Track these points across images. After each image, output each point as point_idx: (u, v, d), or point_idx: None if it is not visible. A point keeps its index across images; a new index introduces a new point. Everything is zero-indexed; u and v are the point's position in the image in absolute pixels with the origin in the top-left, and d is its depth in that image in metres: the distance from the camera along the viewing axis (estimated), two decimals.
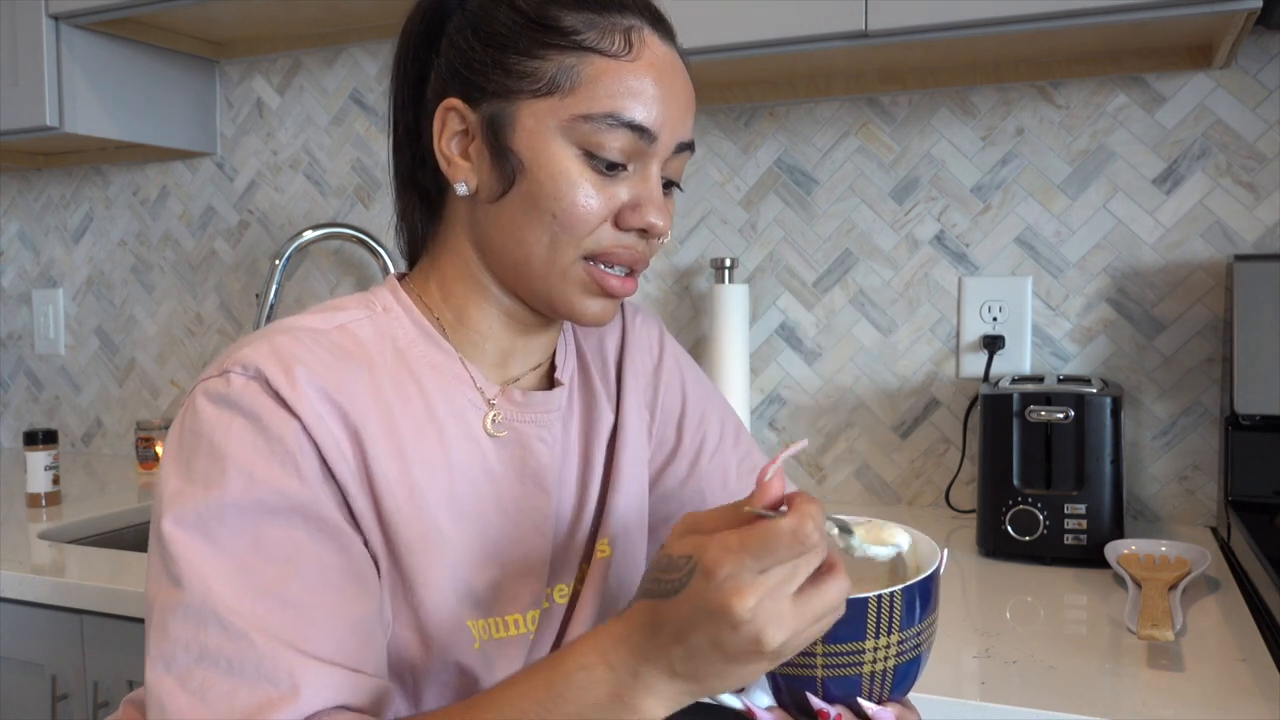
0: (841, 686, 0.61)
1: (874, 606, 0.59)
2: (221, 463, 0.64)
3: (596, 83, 0.70)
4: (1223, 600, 1.07)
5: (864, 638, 0.60)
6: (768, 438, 1.62)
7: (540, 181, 0.71)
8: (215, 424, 0.66)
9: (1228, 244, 1.37)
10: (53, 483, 1.64)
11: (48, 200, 2.17)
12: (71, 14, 1.63)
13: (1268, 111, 1.34)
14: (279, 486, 0.65)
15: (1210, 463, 1.39)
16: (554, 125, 0.71)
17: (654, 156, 0.73)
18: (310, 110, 1.90)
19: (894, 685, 0.62)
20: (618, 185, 0.72)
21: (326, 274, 1.91)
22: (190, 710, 0.60)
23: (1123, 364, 1.43)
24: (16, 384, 2.24)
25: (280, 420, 0.66)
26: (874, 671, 0.61)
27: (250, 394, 0.66)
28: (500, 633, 0.75)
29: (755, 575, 0.52)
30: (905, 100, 1.51)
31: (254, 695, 0.60)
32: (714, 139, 1.62)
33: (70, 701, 1.27)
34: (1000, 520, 1.23)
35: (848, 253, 1.56)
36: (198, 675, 0.61)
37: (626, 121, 0.70)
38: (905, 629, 0.61)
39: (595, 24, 0.71)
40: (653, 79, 0.72)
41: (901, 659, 0.62)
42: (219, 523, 0.64)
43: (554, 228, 0.71)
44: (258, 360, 0.67)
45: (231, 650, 0.61)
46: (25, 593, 1.25)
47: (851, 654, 0.60)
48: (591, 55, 0.71)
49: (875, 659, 0.61)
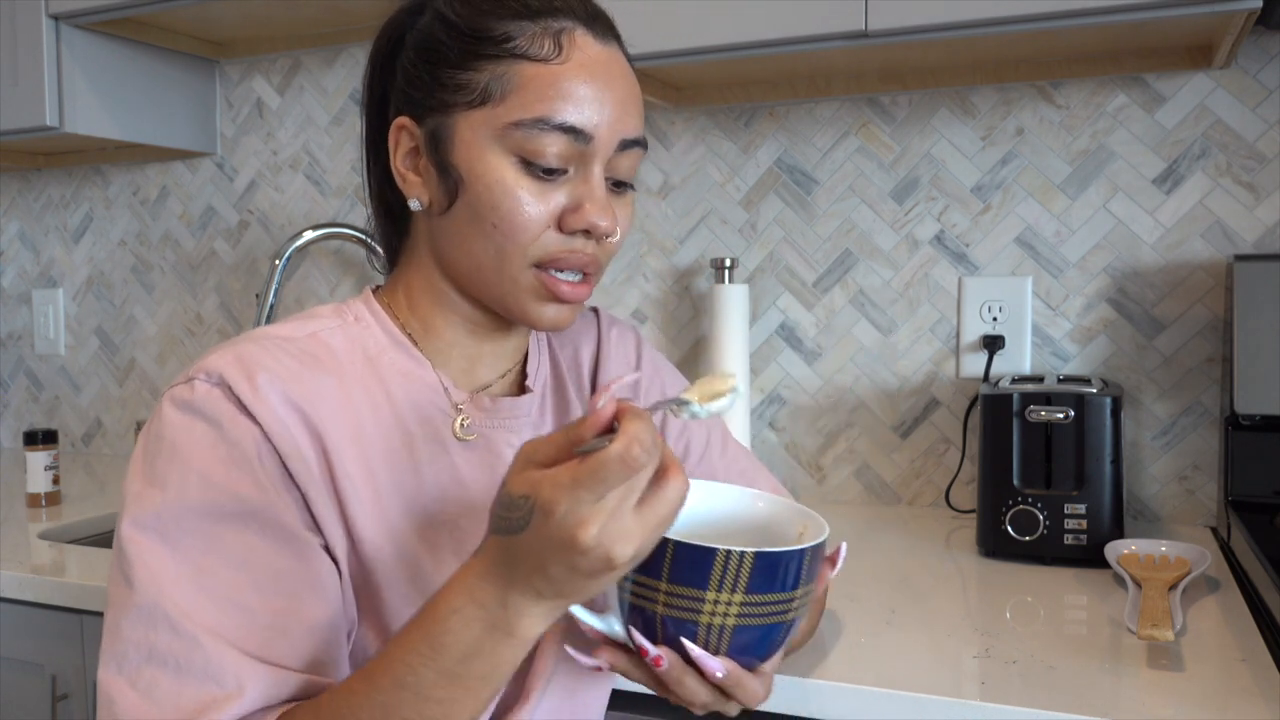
0: (677, 628, 0.63)
1: (720, 560, 0.60)
2: (180, 467, 0.66)
3: (526, 88, 0.71)
4: (1223, 600, 1.07)
5: (705, 587, 0.61)
6: (767, 438, 1.62)
7: (479, 192, 0.72)
8: (177, 429, 0.67)
9: (1228, 244, 1.37)
10: (53, 483, 1.64)
11: (48, 200, 2.17)
12: (71, 14, 1.63)
13: (1268, 111, 1.34)
14: (236, 491, 0.66)
15: (1210, 463, 1.39)
16: (489, 135, 0.71)
17: (594, 157, 0.72)
18: (310, 110, 1.90)
19: (733, 644, 0.63)
20: (558, 190, 0.72)
21: (326, 274, 1.91)
22: (137, 708, 0.62)
23: (1123, 364, 1.43)
24: (16, 384, 2.24)
25: (239, 426, 0.67)
26: (711, 624, 0.62)
27: (212, 400, 0.68)
28: None
29: (592, 505, 0.54)
30: (905, 100, 1.51)
31: (199, 694, 0.62)
32: (714, 139, 1.62)
33: (70, 701, 1.27)
34: (1000, 520, 1.23)
35: (848, 253, 1.56)
36: (146, 674, 0.62)
37: (558, 124, 0.70)
38: (753, 592, 0.61)
39: (525, 30, 0.71)
40: (584, 79, 0.71)
41: (745, 621, 0.62)
42: (175, 525, 0.65)
43: (497, 237, 0.72)
44: (221, 367, 0.69)
45: (180, 651, 0.62)
46: (25, 593, 1.25)
47: (691, 599, 0.61)
48: (521, 62, 0.71)
49: (714, 612, 0.62)
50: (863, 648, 0.95)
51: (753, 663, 0.66)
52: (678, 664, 0.64)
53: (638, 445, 0.54)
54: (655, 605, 0.63)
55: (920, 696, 0.84)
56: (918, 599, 1.10)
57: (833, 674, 0.88)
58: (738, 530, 0.74)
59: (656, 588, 0.62)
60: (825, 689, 0.87)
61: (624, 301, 1.70)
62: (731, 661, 0.64)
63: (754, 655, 0.65)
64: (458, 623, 0.59)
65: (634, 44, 1.29)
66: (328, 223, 1.77)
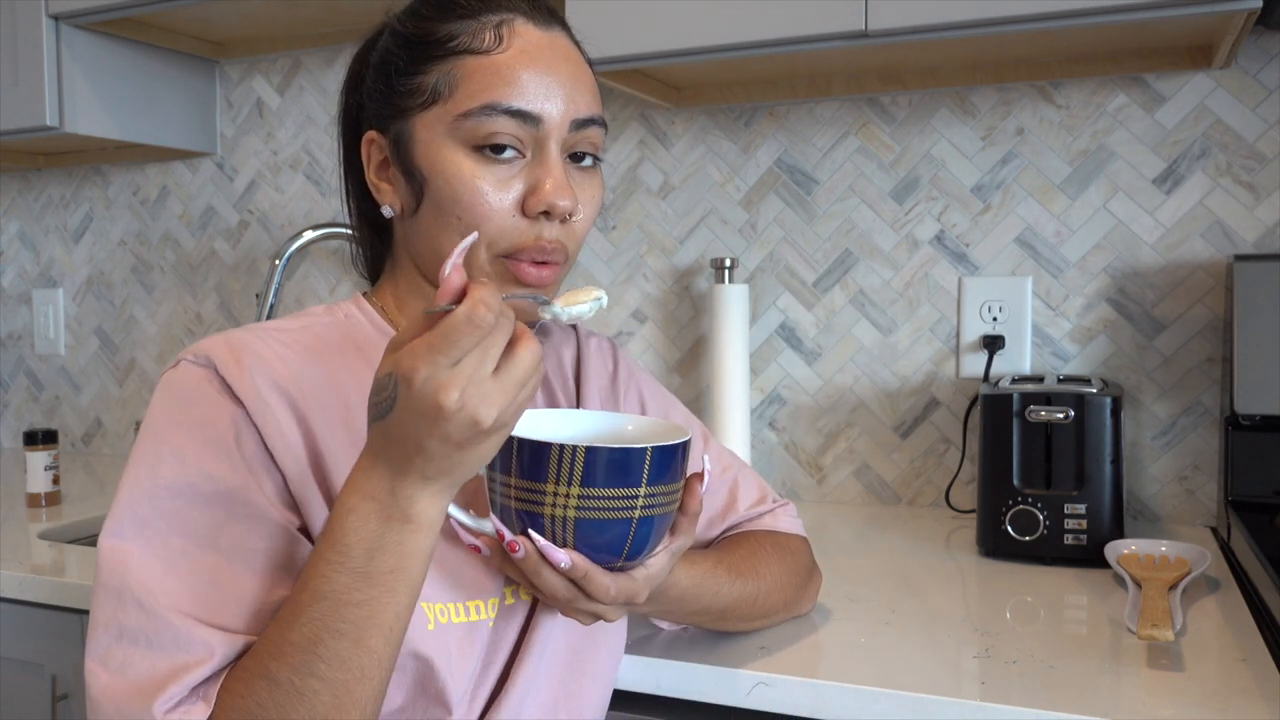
0: (529, 521, 0.67)
1: (555, 454, 0.65)
2: (159, 446, 0.69)
3: (471, 80, 0.73)
4: (1223, 600, 1.07)
5: (544, 480, 0.65)
6: (767, 438, 1.62)
7: (440, 188, 0.74)
8: (158, 411, 0.71)
9: (1228, 244, 1.37)
10: (53, 483, 1.64)
11: (48, 200, 2.17)
12: (71, 14, 1.63)
13: (1268, 111, 1.34)
14: (209, 470, 0.68)
15: (1210, 463, 1.39)
16: (443, 131, 0.74)
17: (547, 139, 0.75)
18: (310, 110, 1.90)
19: (579, 537, 0.67)
20: (516, 176, 0.74)
21: (326, 274, 1.91)
22: (111, 687, 0.64)
23: (1123, 364, 1.43)
24: (16, 384, 2.24)
25: (220, 407, 0.70)
26: (554, 515, 0.66)
27: (196, 381, 0.70)
28: (459, 617, 0.75)
29: (450, 369, 0.57)
30: (905, 100, 1.51)
31: (171, 663, 0.63)
32: (714, 139, 1.62)
33: (70, 701, 1.27)
34: (1000, 520, 1.23)
35: (848, 253, 1.56)
36: (118, 654, 0.64)
37: (505, 109, 0.73)
38: (588, 485, 0.65)
39: (467, 28, 0.75)
40: (525, 64, 0.74)
41: (586, 514, 0.66)
42: (149, 505, 0.67)
43: (462, 229, 0.74)
44: (210, 349, 0.71)
45: (149, 628, 0.64)
46: (25, 593, 1.25)
47: (534, 492, 0.66)
48: (465, 57, 0.74)
49: (555, 504, 0.66)
50: (863, 648, 0.95)
51: (609, 559, 0.69)
52: (534, 554, 0.67)
53: (483, 306, 0.57)
54: (510, 500, 0.68)
55: (920, 696, 0.84)
56: (918, 599, 1.10)
57: (833, 674, 0.88)
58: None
59: (509, 483, 0.67)
60: (825, 689, 0.87)
61: (624, 301, 1.70)
62: (580, 555, 0.67)
63: (607, 552, 0.68)
64: (355, 521, 0.61)
65: (634, 44, 1.29)
66: (328, 223, 1.77)
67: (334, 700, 0.62)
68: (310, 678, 0.61)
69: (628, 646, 0.92)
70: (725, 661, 0.90)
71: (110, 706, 0.63)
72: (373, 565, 0.62)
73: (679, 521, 0.73)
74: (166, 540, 0.66)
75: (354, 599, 0.62)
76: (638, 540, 0.69)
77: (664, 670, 0.91)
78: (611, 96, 1.67)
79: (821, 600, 1.07)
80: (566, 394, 0.91)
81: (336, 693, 0.62)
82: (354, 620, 0.62)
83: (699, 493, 0.72)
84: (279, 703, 0.61)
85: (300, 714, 0.61)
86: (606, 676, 0.85)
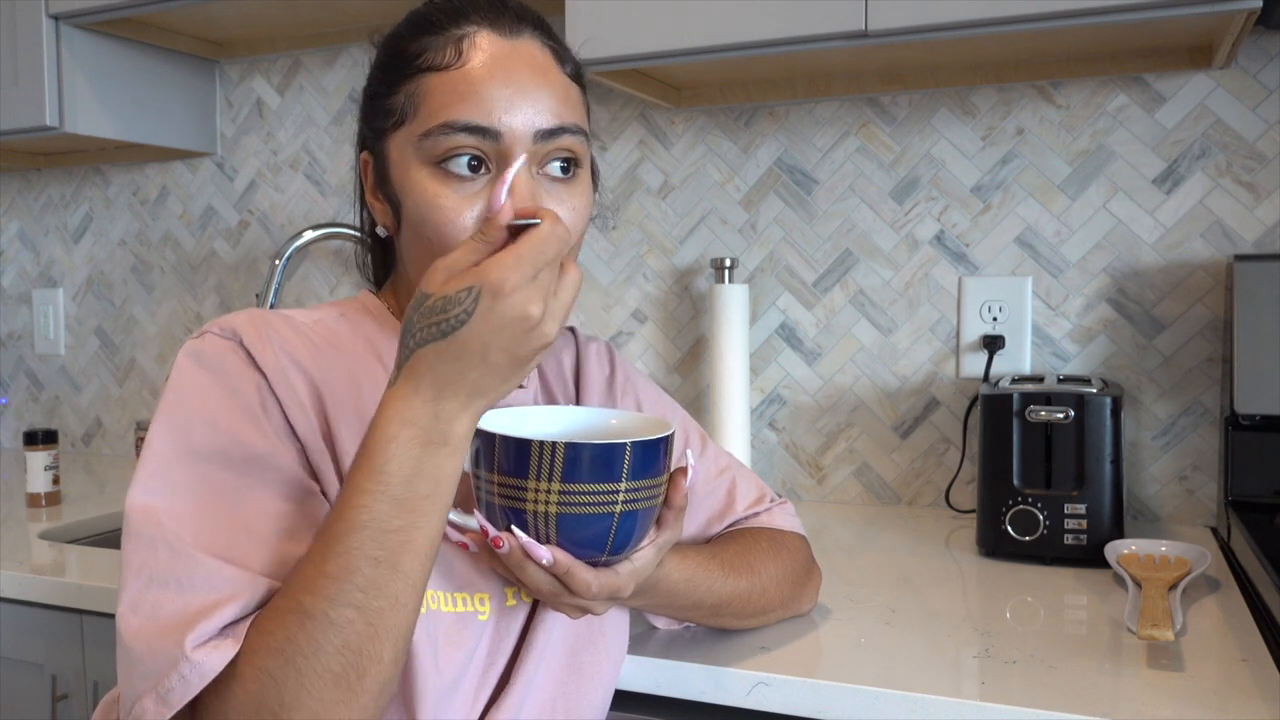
0: (512, 517, 0.68)
1: (535, 450, 0.66)
2: (187, 414, 0.70)
3: (430, 98, 0.73)
4: (1223, 600, 1.07)
5: (525, 476, 0.66)
6: (768, 437, 1.62)
7: (409, 209, 0.74)
8: (185, 378, 0.71)
9: (1228, 244, 1.37)
10: (53, 483, 1.64)
11: (48, 200, 2.17)
12: (71, 14, 1.63)
13: (1268, 111, 1.34)
14: (239, 438, 0.69)
15: (1210, 463, 1.39)
16: (410, 152, 0.74)
17: (509, 153, 0.72)
18: (310, 110, 1.90)
19: (561, 532, 0.68)
20: (479, 193, 0.73)
21: (326, 274, 1.91)
22: (142, 629, 0.63)
23: (1123, 364, 1.43)
24: (16, 384, 2.24)
25: (246, 377, 0.71)
26: (536, 511, 0.67)
27: (223, 351, 0.72)
28: (450, 606, 0.75)
29: (534, 282, 0.60)
30: (905, 100, 1.51)
31: (203, 600, 0.63)
32: (714, 139, 1.62)
33: (70, 701, 1.27)
34: (1000, 520, 1.23)
35: (848, 253, 1.56)
36: (150, 597, 0.64)
37: (462, 126, 0.71)
38: (569, 480, 0.66)
39: (432, 44, 0.74)
40: (483, 78, 0.72)
41: (567, 509, 0.67)
42: (181, 469, 0.68)
43: (435, 250, 0.72)
44: (235, 323, 0.73)
45: (181, 569, 0.64)
46: (25, 593, 1.25)
47: (516, 488, 0.67)
48: (427, 74, 0.73)
49: (536, 500, 0.67)
50: (863, 648, 0.95)
51: (592, 556, 0.69)
52: (517, 550, 0.68)
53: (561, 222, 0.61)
54: (493, 497, 0.68)
55: (920, 696, 0.84)
56: (918, 599, 1.10)
57: (833, 674, 0.88)
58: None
59: (492, 480, 0.68)
60: (825, 689, 0.87)
61: (624, 301, 1.70)
62: (562, 550, 0.68)
63: (589, 547, 0.69)
64: (396, 449, 0.62)
65: (634, 44, 1.29)
66: (328, 223, 1.77)
67: (368, 628, 0.62)
68: (345, 607, 0.61)
69: (627, 646, 0.92)
70: (725, 661, 0.90)
71: (142, 646, 0.63)
72: (411, 491, 0.62)
73: (664, 515, 0.73)
74: (199, 497, 0.67)
75: (392, 525, 0.62)
76: (620, 535, 0.69)
77: (663, 670, 0.91)
78: (611, 96, 1.67)
79: (821, 600, 1.07)
80: (566, 397, 0.92)
81: (371, 620, 0.62)
82: (390, 547, 0.62)
83: (683, 486, 0.72)
84: (310, 634, 0.61)
85: (334, 644, 0.61)
86: (607, 679, 0.85)
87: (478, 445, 0.70)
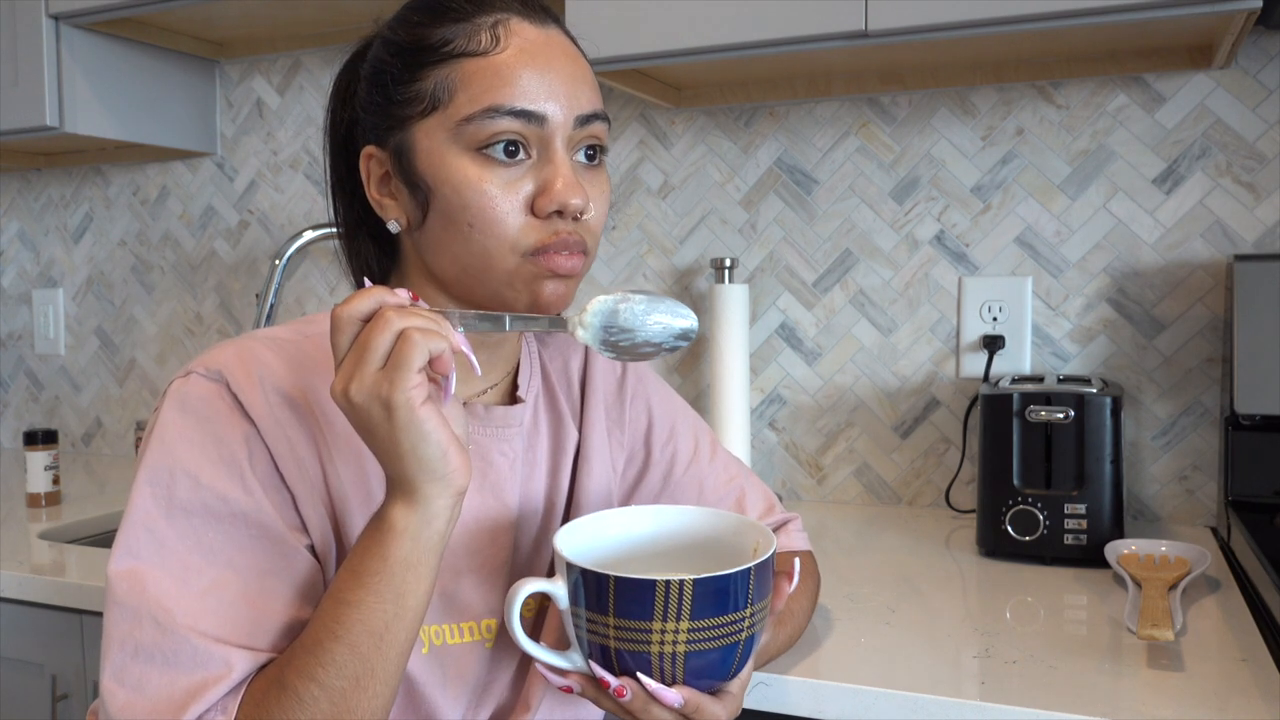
0: (633, 660, 0.64)
1: (660, 591, 0.61)
2: (173, 464, 0.68)
3: (471, 83, 0.71)
4: (1223, 600, 1.07)
5: (650, 619, 0.62)
6: (767, 438, 1.62)
7: (447, 197, 0.72)
8: (170, 427, 0.69)
9: (1228, 244, 1.37)
10: (53, 483, 1.64)
11: (48, 200, 2.17)
12: (71, 14, 1.63)
13: (1268, 111, 1.34)
14: (223, 492, 0.67)
15: (1210, 463, 1.39)
16: (445, 138, 0.72)
17: (552, 137, 0.72)
18: (310, 110, 1.90)
19: (689, 670, 0.64)
20: (524, 177, 0.72)
21: (326, 274, 1.91)
22: (129, 705, 0.63)
23: (1123, 364, 1.43)
24: (16, 384, 2.24)
25: (232, 426, 0.69)
26: (663, 653, 0.63)
27: (208, 397, 0.69)
28: (454, 639, 0.76)
29: (361, 371, 0.62)
30: (905, 100, 1.51)
31: (190, 681, 0.63)
32: (714, 139, 1.62)
33: (70, 701, 1.27)
34: (1000, 520, 1.23)
35: (848, 253, 1.56)
36: (134, 671, 0.64)
37: (508, 110, 0.71)
38: (698, 618, 0.62)
39: (462, 31, 0.72)
40: (525, 63, 0.72)
41: (696, 646, 0.63)
42: (164, 524, 0.66)
43: (476, 236, 0.72)
44: (221, 364, 0.70)
45: (166, 645, 0.64)
46: (25, 593, 1.25)
47: (639, 631, 0.62)
48: (461, 60, 0.72)
49: (663, 641, 0.62)
50: (863, 647, 0.95)
51: (715, 685, 0.67)
52: (640, 694, 0.65)
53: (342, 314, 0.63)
54: (608, 640, 0.64)
55: (920, 696, 0.84)
56: (918, 599, 1.10)
57: (833, 674, 0.88)
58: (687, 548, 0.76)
59: (606, 623, 0.63)
60: (825, 689, 0.87)
61: None
62: (690, 689, 0.65)
63: (714, 678, 0.66)
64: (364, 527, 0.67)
65: (634, 44, 1.29)
66: (328, 223, 1.77)
67: (331, 708, 0.62)
68: (310, 682, 0.62)
69: None
70: None
71: None
72: (362, 566, 0.63)
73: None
74: (184, 560, 0.66)
75: (347, 598, 0.63)
76: (743, 659, 0.67)
77: None
78: (611, 96, 1.66)
79: (821, 600, 1.07)
80: (571, 402, 0.89)
81: (334, 700, 0.62)
82: (347, 622, 0.62)
83: (786, 593, 0.70)
84: (285, 708, 0.61)
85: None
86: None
87: (576, 580, 0.65)
